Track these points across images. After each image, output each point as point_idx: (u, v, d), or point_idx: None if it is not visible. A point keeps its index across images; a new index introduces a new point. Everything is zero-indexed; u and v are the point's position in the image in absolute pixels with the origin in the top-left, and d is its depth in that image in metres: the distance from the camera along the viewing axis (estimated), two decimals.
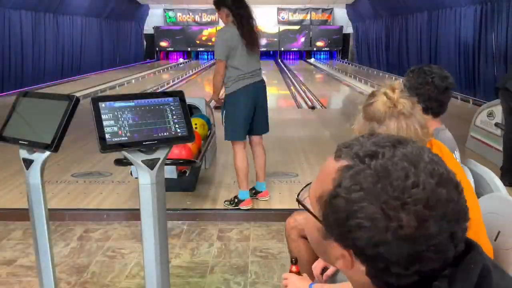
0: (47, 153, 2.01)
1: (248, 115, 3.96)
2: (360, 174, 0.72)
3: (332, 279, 1.93)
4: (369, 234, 0.71)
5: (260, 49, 4.03)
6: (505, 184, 2.23)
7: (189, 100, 4.18)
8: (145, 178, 1.97)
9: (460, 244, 0.74)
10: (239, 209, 4.00)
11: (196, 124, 4.64)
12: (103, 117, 1.93)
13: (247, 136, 4.10)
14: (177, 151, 3.85)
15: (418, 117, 1.61)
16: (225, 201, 4.11)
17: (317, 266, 1.99)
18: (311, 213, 0.80)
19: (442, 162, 0.74)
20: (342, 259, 0.77)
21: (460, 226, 0.73)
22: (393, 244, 0.70)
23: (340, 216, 0.73)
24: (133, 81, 15.66)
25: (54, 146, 1.96)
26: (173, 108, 2.06)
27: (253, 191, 4.22)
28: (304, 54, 25.75)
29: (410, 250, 0.70)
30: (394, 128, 1.57)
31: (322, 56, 26.03)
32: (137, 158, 1.96)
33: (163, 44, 25.25)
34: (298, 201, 0.86)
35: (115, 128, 1.93)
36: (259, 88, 4.02)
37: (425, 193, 0.70)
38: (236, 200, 4.04)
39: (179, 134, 2.02)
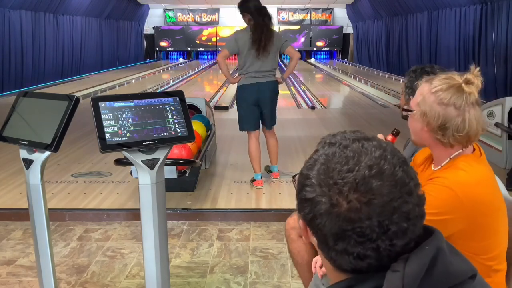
0: (47, 153, 2.01)
1: (250, 109, 4.48)
2: (316, 156, 0.86)
3: None
4: (311, 206, 0.83)
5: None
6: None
7: (189, 100, 4.20)
8: (145, 178, 1.97)
9: (399, 241, 0.80)
10: (239, 209, 4.02)
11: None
12: (103, 117, 1.93)
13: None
14: (177, 151, 3.86)
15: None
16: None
17: (316, 260, 2.00)
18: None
19: (398, 164, 0.82)
20: (302, 229, 0.89)
21: (397, 224, 0.80)
22: (324, 218, 0.81)
23: (298, 188, 0.87)
24: (133, 81, 15.66)
25: (54, 146, 1.96)
26: (173, 108, 2.06)
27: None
28: (304, 54, 25.75)
29: (337, 227, 0.80)
30: (475, 116, 1.50)
31: (322, 56, 26.02)
32: (137, 158, 1.96)
33: (163, 44, 25.25)
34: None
35: (115, 128, 1.93)
36: (261, 89, 4.43)
37: (355, 179, 0.79)
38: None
39: (179, 134, 2.03)
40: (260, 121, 4.58)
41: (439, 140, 1.54)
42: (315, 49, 25.67)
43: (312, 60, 24.95)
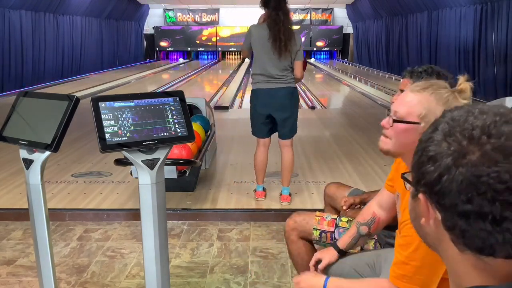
0: (47, 153, 2.01)
1: (260, 116, 4.06)
2: (437, 123, 0.79)
3: (325, 272, 1.95)
4: (435, 164, 0.74)
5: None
6: None
7: (189, 100, 4.20)
8: (145, 178, 1.97)
9: None
10: (239, 209, 4.03)
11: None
12: (103, 117, 1.93)
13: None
14: (177, 151, 3.85)
15: None
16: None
17: (312, 258, 2.02)
18: (408, 181, 0.85)
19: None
20: (423, 207, 0.79)
21: None
22: (454, 170, 0.72)
23: (416, 156, 0.79)
24: (133, 81, 15.66)
25: (54, 146, 1.96)
26: (173, 108, 2.06)
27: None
28: (304, 54, 25.72)
29: (471, 175, 0.71)
30: None
31: (322, 56, 26.03)
32: (137, 158, 1.96)
33: (163, 44, 25.25)
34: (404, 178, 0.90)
35: (115, 128, 1.93)
36: (274, 94, 3.99)
37: (485, 123, 0.73)
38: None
39: (179, 134, 2.02)
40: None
41: None
42: (315, 49, 25.67)
43: (312, 60, 24.94)
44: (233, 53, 25.61)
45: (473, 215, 0.71)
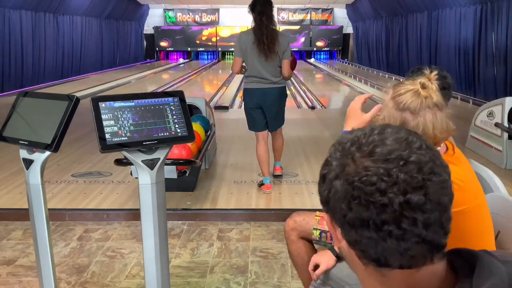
0: (47, 153, 2.01)
1: (254, 111, 4.40)
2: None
3: (324, 275, 1.95)
4: (326, 182, 0.78)
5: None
6: None
7: (189, 100, 4.20)
8: (145, 178, 1.97)
9: (414, 196, 0.70)
10: (239, 209, 4.03)
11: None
12: (103, 117, 1.93)
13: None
14: (177, 151, 3.85)
15: (448, 111, 1.56)
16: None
17: (310, 263, 2.01)
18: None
19: (405, 130, 0.78)
20: (329, 226, 0.81)
21: (407, 173, 0.71)
22: (335, 183, 0.76)
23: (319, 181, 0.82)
24: (133, 81, 15.65)
25: (54, 146, 1.96)
26: (173, 108, 2.06)
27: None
28: (304, 54, 25.75)
29: (346, 183, 0.74)
30: (430, 120, 1.48)
31: (322, 56, 26.02)
32: (137, 158, 1.96)
33: (163, 44, 25.25)
34: None
35: (115, 128, 1.93)
36: (266, 93, 4.34)
37: (355, 136, 0.79)
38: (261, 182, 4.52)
39: (179, 134, 2.02)
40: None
41: None
42: (315, 49, 25.66)
43: (312, 60, 24.95)
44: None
45: (357, 223, 0.73)
